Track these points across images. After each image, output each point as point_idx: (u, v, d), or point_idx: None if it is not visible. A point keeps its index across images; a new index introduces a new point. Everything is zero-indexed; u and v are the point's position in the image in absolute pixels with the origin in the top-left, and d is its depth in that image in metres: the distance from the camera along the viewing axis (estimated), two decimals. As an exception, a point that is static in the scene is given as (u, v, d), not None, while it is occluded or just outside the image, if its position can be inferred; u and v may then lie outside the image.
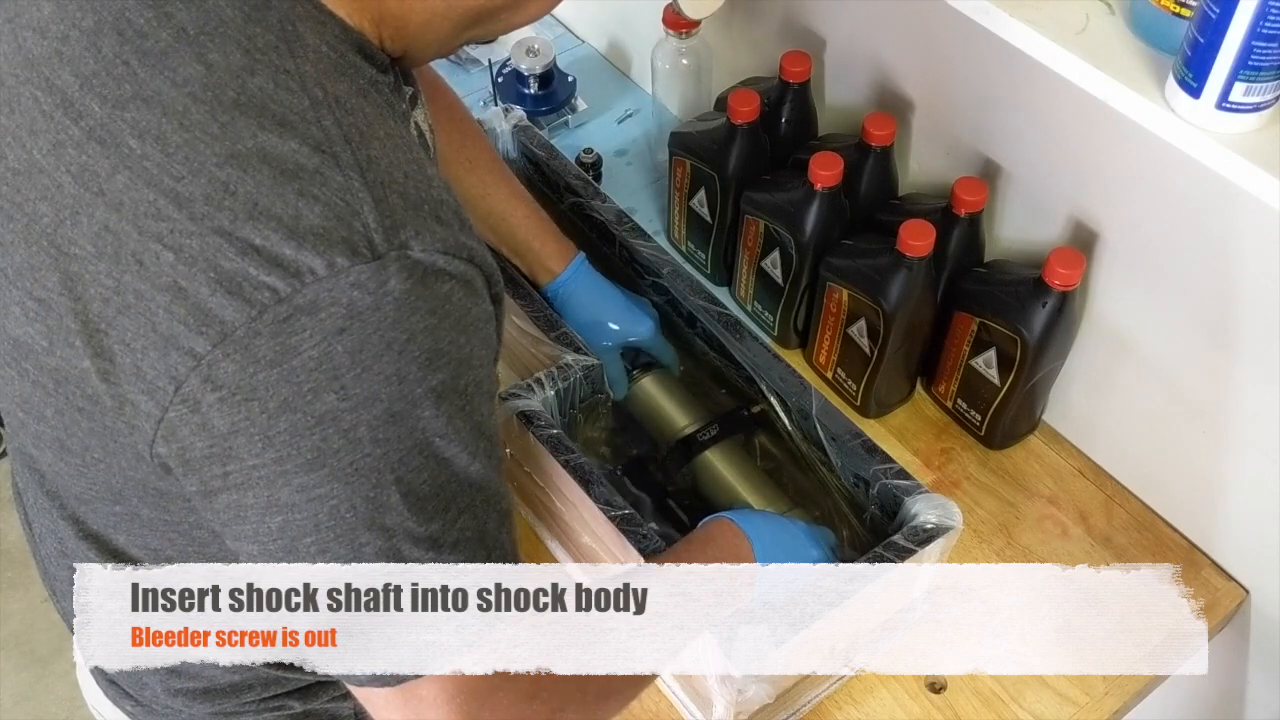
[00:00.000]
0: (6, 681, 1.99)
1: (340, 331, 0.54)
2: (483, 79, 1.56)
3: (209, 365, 0.55)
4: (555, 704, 0.71)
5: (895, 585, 0.94)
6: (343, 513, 0.58)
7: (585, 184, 1.22)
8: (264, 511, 0.58)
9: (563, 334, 1.08)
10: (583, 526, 1.00)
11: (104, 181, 0.57)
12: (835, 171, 1.12)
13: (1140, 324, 1.07)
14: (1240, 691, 1.17)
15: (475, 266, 0.60)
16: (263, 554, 0.61)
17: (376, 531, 0.59)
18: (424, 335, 0.57)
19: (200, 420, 0.56)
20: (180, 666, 0.80)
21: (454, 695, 0.65)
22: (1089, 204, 1.06)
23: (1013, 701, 1.01)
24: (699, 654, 0.90)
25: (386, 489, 0.58)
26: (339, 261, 0.54)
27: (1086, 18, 0.85)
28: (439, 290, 0.57)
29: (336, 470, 0.57)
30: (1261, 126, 0.78)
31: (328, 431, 0.56)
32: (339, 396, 0.55)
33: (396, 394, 0.56)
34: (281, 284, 0.54)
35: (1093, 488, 1.16)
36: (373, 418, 0.56)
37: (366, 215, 0.55)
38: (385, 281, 0.55)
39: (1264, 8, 0.70)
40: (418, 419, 0.58)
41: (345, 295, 0.54)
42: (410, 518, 0.59)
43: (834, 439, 1.01)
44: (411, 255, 0.56)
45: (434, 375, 0.58)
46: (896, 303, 1.09)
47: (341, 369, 0.55)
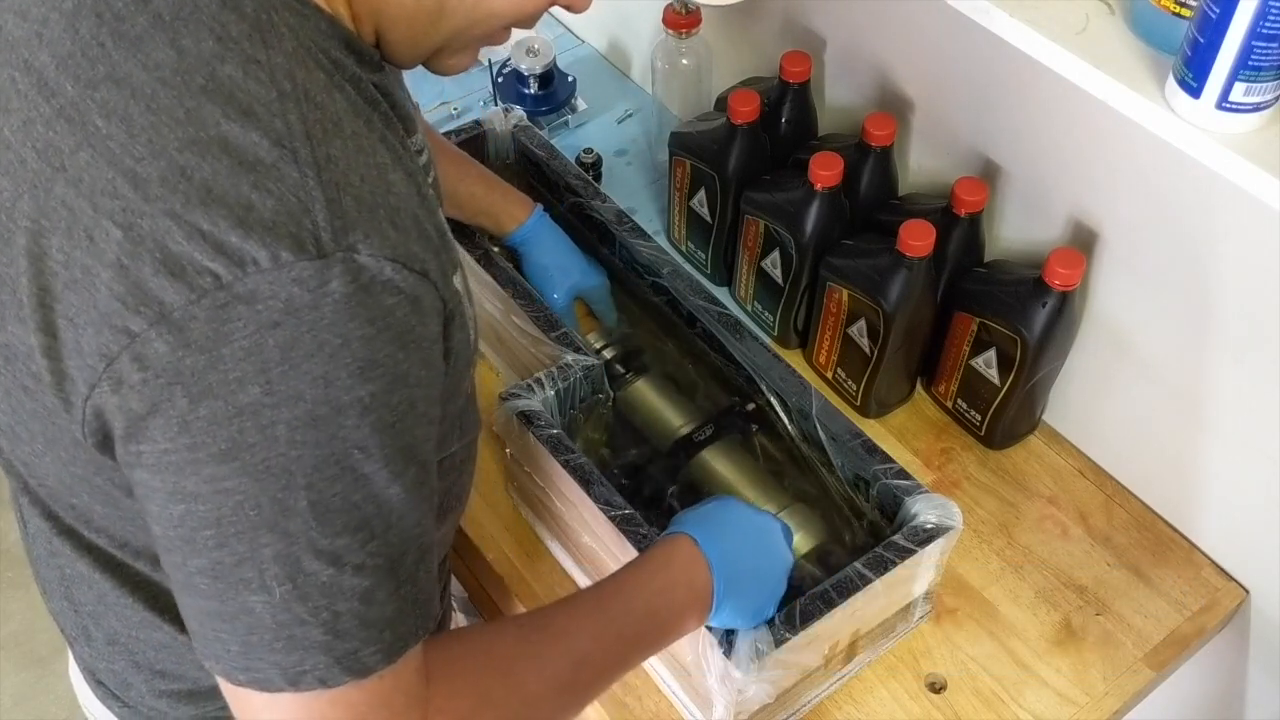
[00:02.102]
0: (6, 681, 1.99)
1: (274, 325, 0.54)
2: (483, 79, 1.56)
3: (141, 344, 0.55)
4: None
5: (895, 585, 0.94)
6: (246, 510, 0.57)
7: (585, 184, 1.22)
8: (168, 497, 0.58)
9: (563, 334, 1.08)
10: (583, 526, 1.00)
11: (66, 158, 0.57)
12: (835, 171, 1.12)
13: (1140, 324, 1.07)
14: (1240, 691, 1.17)
15: (429, 282, 0.59)
16: (163, 539, 0.60)
17: (278, 535, 0.58)
18: (359, 344, 0.56)
19: (120, 400, 0.56)
20: (166, 668, 0.81)
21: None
22: (1089, 204, 1.06)
23: (1013, 701, 1.01)
24: (699, 654, 0.90)
25: (295, 493, 0.57)
26: (283, 255, 0.54)
27: (1086, 18, 0.85)
28: (382, 302, 0.57)
29: (248, 465, 0.56)
30: (1261, 126, 0.78)
31: (246, 424, 0.55)
32: (263, 390, 0.55)
33: (321, 397, 0.56)
34: (224, 271, 0.54)
35: (1093, 488, 1.16)
36: (293, 417, 0.56)
37: (317, 214, 0.55)
38: (327, 282, 0.55)
39: (1264, 8, 0.70)
40: (339, 427, 0.57)
41: (285, 290, 0.54)
42: (315, 528, 0.58)
43: (834, 439, 1.01)
44: (358, 259, 0.56)
45: (364, 386, 0.57)
46: (896, 303, 1.09)
47: (270, 363, 0.55)
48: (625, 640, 0.81)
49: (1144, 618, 1.07)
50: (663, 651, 0.97)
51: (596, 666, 0.79)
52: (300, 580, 0.59)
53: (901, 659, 1.04)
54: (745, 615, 0.87)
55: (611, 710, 1.00)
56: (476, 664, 0.72)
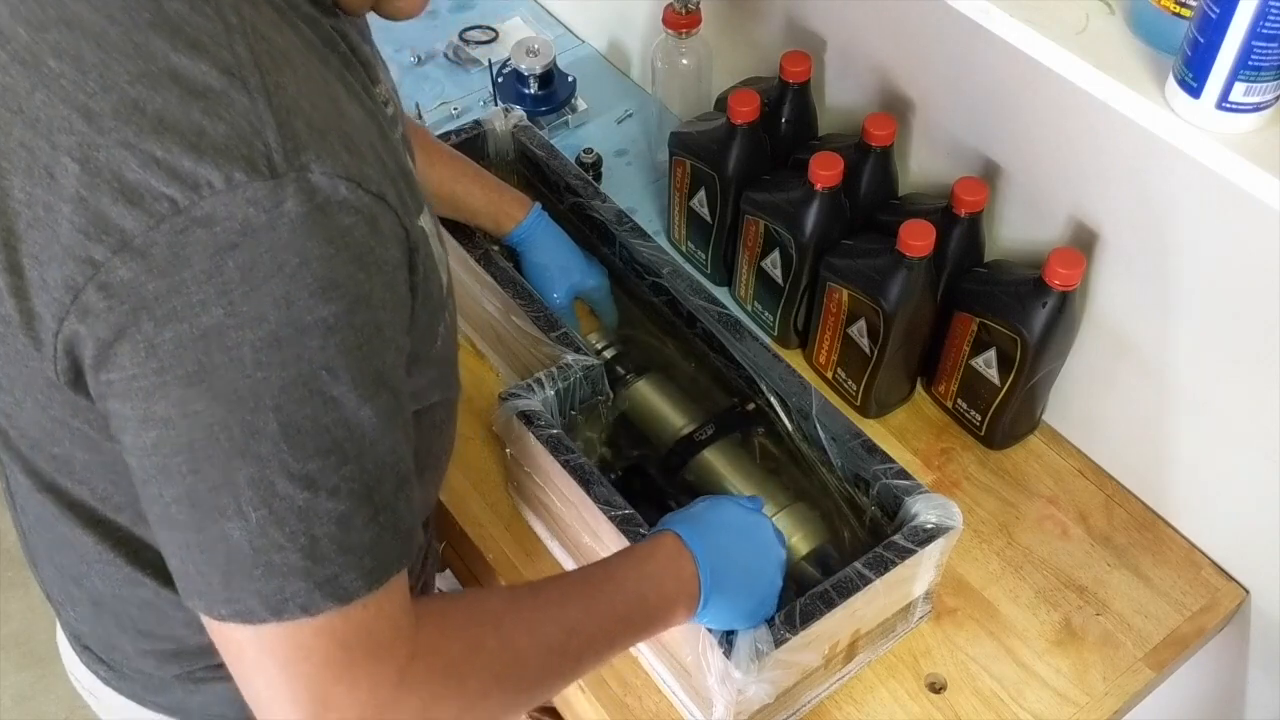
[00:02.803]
0: (6, 681, 1.99)
1: (233, 247, 0.55)
2: (483, 79, 1.56)
3: (106, 273, 0.56)
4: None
5: (895, 585, 0.94)
6: (217, 433, 0.58)
7: (585, 184, 1.22)
8: (141, 425, 0.59)
9: (563, 334, 1.08)
10: (583, 526, 1.00)
11: (23, 100, 0.58)
12: (835, 171, 1.12)
13: (1140, 324, 1.07)
14: (1240, 691, 1.17)
15: (386, 206, 0.60)
16: (140, 470, 0.61)
17: (250, 459, 0.58)
18: (318, 263, 0.57)
19: (88, 329, 0.57)
20: (150, 628, 0.81)
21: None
22: (1089, 204, 1.06)
23: (1013, 701, 1.01)
24: (699, 654, 0.90)
25: (264, 415, 0.58)
26: (236, 176, 0.55)
27: (1086, 18, 0.85)
28: (339, 221, 0.57)
29: (215, 388, 0.57)
30: (1261, 126, 0.78)
31: (211, 347, 0.56)
32: (225, 312, 0.56)
33: (284, 318, 0.56)
34: (180, 195, 0.55)
35: (1093, 488, 1.16)
36: (257, 339, 0.56)
37: (268, 135, 0.56)
38: (281, 201, 0.55)
39: (1264, 8, 0.70)
40: (304, 348, 0.57)
41: (240, 211, 0.55)
42: (287, 451, 0.59)
43: (834, 439, 1.01)
44: (311, 179, 0.56)
45: (325, 306, 0.57)
46: (896, 303, 1.09)
47: (231, 285, 0.55)
48: (615, 617, 0.81)
49: (1144, 618, 1.07)
50: (663, 652, 0.97)
51: (586, 637, 0.79)
52: (275, 504, 0.59)
53: (901, 659, 1.04)
54: (739, 611, 0.87)
55: (611, 710, 1.00)
56: (469, 616, 0.73)
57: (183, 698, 0.86)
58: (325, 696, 0.63)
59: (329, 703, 0.63)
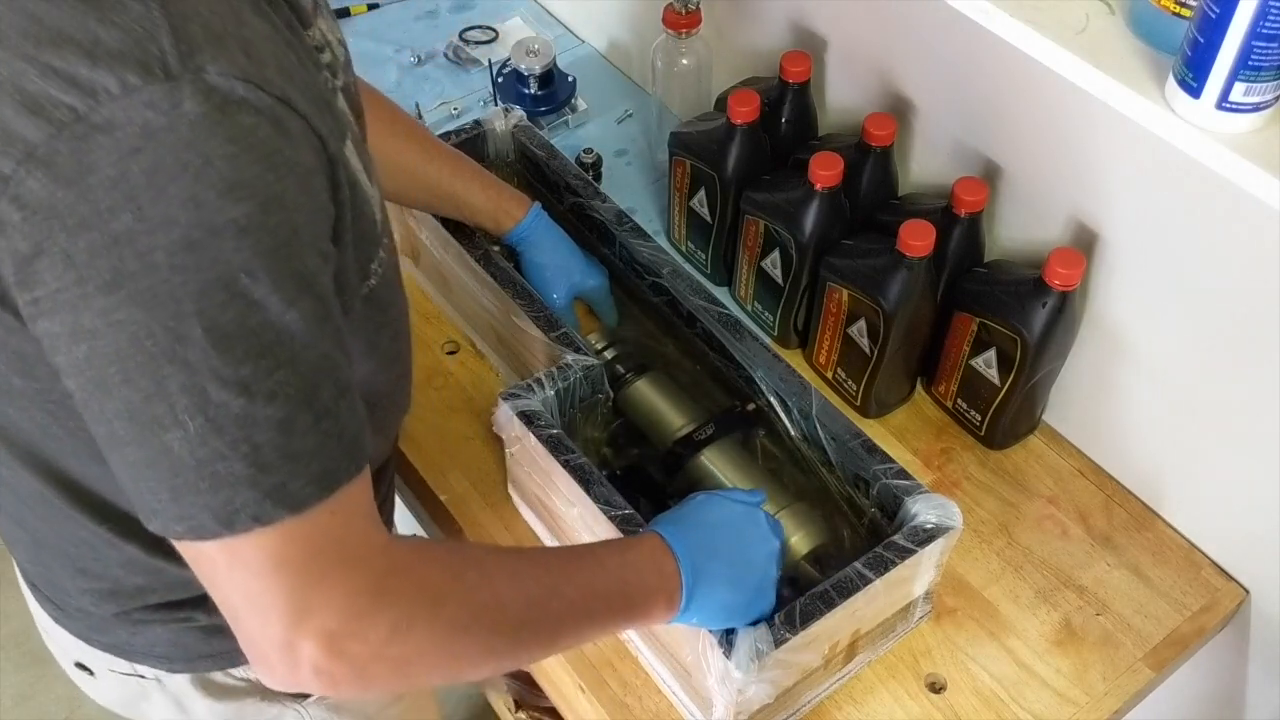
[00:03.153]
0: (6, 681, 1.99)
1: (136, 151, 0.55)
2: (483, 79, 1.57)
3: (15, 185, 0.56)
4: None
5: (895, 585, 0.94)
6: (143, 340, 0.58)
7: (585, 184, 1.22)
8: (71, 339, 0.59)
9: (563, 334, 1.08)
10: (583, 526, 1.00)
11: None
12: (835, 171, 1.12)
13: (1140, 324, 1.07)
14: (1240, 691, 1.17)
15: (292, 111, 0.60)
16: (79, 391, 0.61)
17: (179, 365, 0.59)
18: (222, 162, 0.57)
19: (7, 243, 0.58)
20: (87, 566, 0.82)
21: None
22: (1089, 204, 1.06)
23: (1013, 701, 1.01)
24: (699, 654, 0.90)
25: (187, 320, 0.58)
26: (131, 80, 0.55)
27: (1086, 18, 0.85)
28: (240, 120, 0.57)
29: (134, 294, 0.57)
30: (1261, 126, 0.78)
31: (124, 252, 0.56)
32: (135, 217, 0.56)
33: (194, 220, 0.57)
34: (79, 103, 0.55)
35: (1093, 488, 1.16)
36: (170, 242, 0.57)
37: (162, 39, 0.56)
38: (179, 103, 0.56)
39: (1264, 8, 0.70)
40: (219, 250, 0.57)
41: (139, 115, 0.55)
42: (215, 356, 0.59)
43: (834, 439, 1.01)
44: (207, 79, 0.56)
45: (235, 206, 0.57)
46: (896, 303, 1.09)
47: (137, 189, 0.56)
48: (594, 594, 0.81)
49: (1144, 618, 1.07)
50: (663, 652, 0.97)
51: (566, 602, 0.79)
52: (211, 411, 0.59)
53: (901, 659, 1.04)
54: (730, 607, 0.87)
55: (611, 710, 1.00)
56: (450, 551, 0.74)
57: (126, 638, 0.88)
58: (302, 604, 0.63)
59: (306, 608, 0.63)
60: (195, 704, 0.92)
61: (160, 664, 0.89)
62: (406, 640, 0.67)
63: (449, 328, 1.29)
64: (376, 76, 1.56)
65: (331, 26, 0.80)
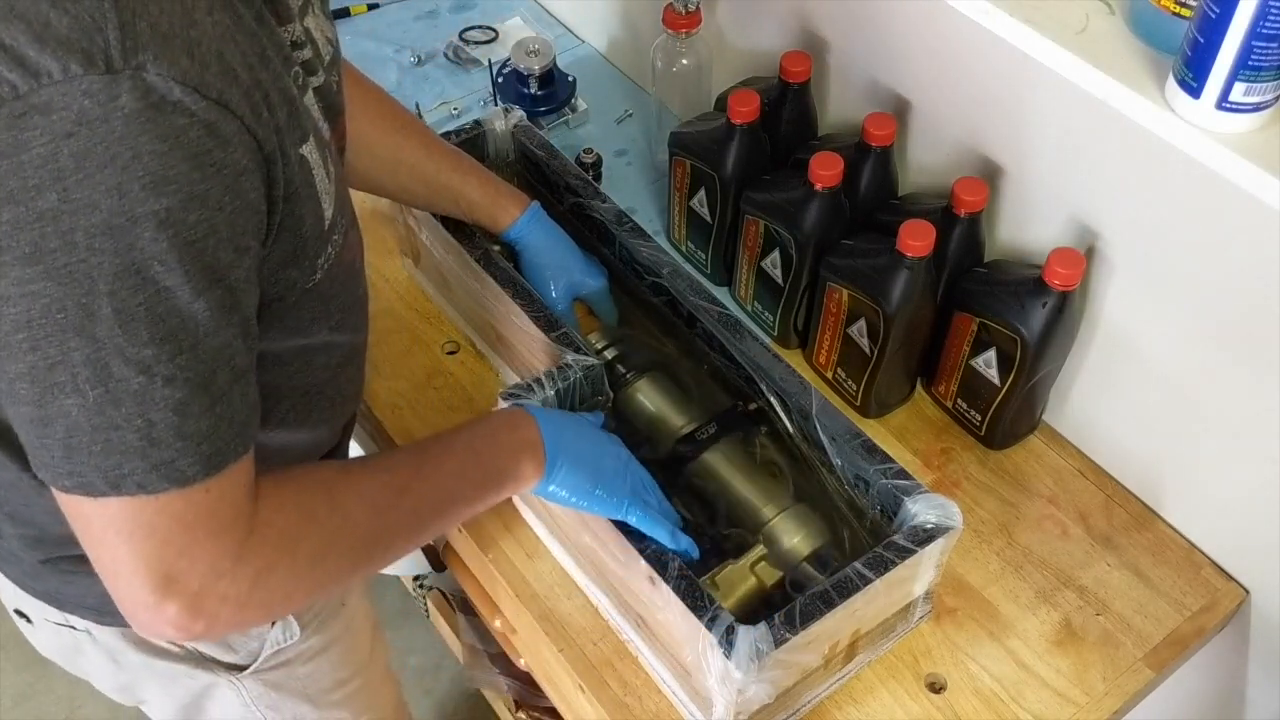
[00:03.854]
0: (6, 681, 1.99)
1: (68, 135, 0.58)
2: (483, 79, 1.57)
3: None
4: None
5: (895, 585, 0.94)
6: (54, 313, 0.61)
7: (585, 184, 1.22)
8: None
9: (563, 334, 1.08)
10: (583, 526, 1.00)
11: None
12: (835, 171, 1.12)
13: (1140, 324, 1.07)
14: (1240, 691, 1.17)
15: (229, 113, 0.62)
16: None
17: (85, 339, 0.62)
18: (150, 158, 0.59)
19: None
20: (16, 510, 0.85)
21: None
22: (1089, 204, 1.06)
23: (1013, 701, 1.01)
24: (699, 654, 0.90)
25: (98, 299, 0.61)
26: (73, 68, 0.58)
27: (1086, 18, 0.85)
28: (173, 121, 0.60)
29: (51, 269, 0.60)
30: (1261, 126, 0.78)
31: (46, 229, 0.59)
32: (60, 198, 0.59)
33: (116, 208, 0.59)
34: (20, 82, 0.58)
35: (1093, 488, 1.16)
36: (90, 225, 0.60)
37: (109, 33, 0.59)
38: (116, 97, 0.58)
39: (1264, 8, 0.70)
40: (136, 238, 0.60)
41: (76, 102, 0.58)
42: (121, 335, 0.62)
43: (834, 439, 1.01)
44: (146, 78, 0.59)
45: (157, 200, 0.60)
46: (896, 303, 1.09)
47: (65, 171, 0.58)
48: (447, 473, 0.88)
49: (1144, 618, 1.07)
50: (663, 652, 0.97)
51: (418, 495, 0.85)
52: (112, 385, 0.63)
53: (901, 659, 1.04)
54: (595, 470, 0.94)
55: (611, 710, 1.00)
56: (301, 486, 0.78)
57: (58, 586, 0.90)
58: (168, 571, 0.69)
59: (171, 575, 0.69)
60: (128, 656, 0.95)
61: (90, 615, 0.92)
62: (269, 585, 0.73)
63: (449, 328, 1.29)
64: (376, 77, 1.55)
65: (321, 25, 0.80)
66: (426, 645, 1.98)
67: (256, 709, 1.02)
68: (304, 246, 0.74)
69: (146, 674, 0.97)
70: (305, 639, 1.00)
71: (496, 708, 1.69)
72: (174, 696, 1.00)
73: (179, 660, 0.95)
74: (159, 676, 0.97)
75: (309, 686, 1.04)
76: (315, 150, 0.73)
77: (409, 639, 1.99)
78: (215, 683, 0.98)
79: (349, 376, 0.92)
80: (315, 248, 0.76)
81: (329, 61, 0.81)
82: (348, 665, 1.08)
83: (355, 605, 1.08)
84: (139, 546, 0.68)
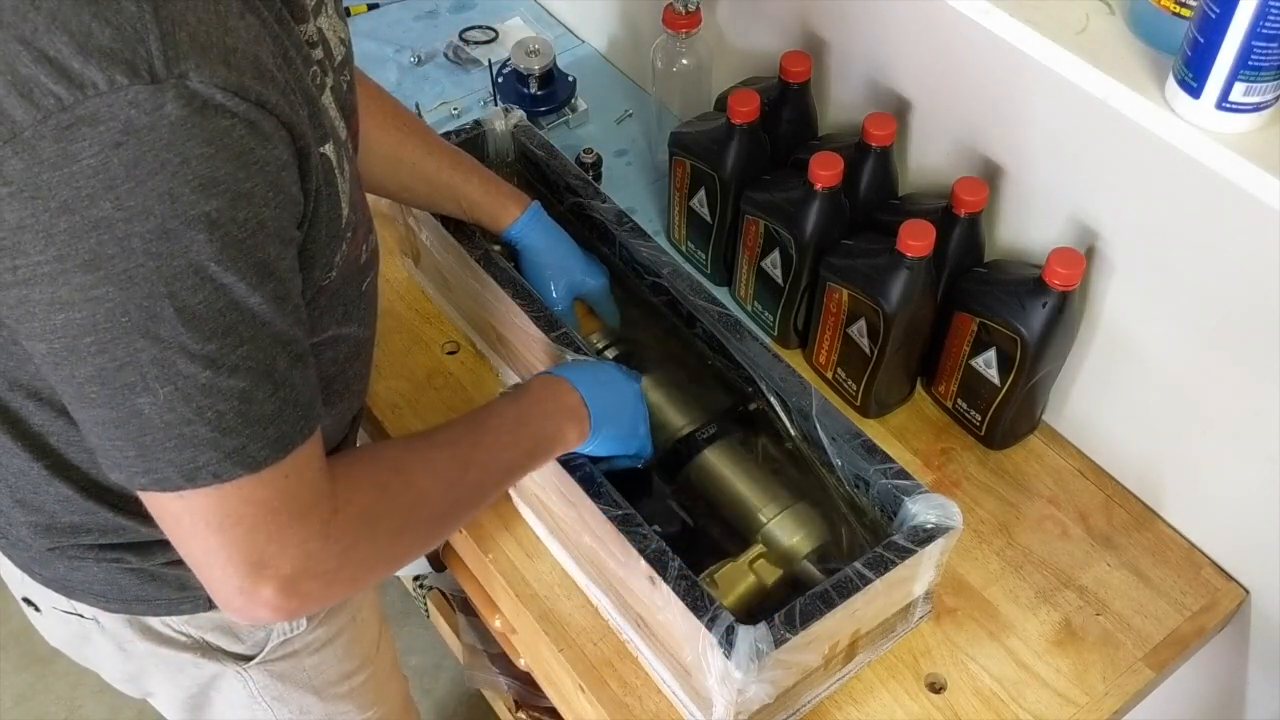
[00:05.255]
0: (6, 681, 1.99)
1: (117, 145, 0.59)
2: (483, 79, 1.57)
3: (1, 161, 0.60)
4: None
5: (895, 585, 0.94)
6: (118, 316, 0.63)
7: (585, 184, 1.22)
8: (49, 308, 0.63)
9: (563, 334, 1.08)
10: (583, 526, 1.00)
11: None
12: (835, 171, 1.12)
13: (1140, 324, 1.07)
14: (1240, 691, 1.17)
15: (267, 112, 0.64)
16: (50, 353, 0.66)
17: (150, 340, 0.64)
18: (198, 162, 0.61)
19: None
20: (25, 497, 0.86)
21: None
22: (1089, 204, 1.06)
23: (1013, 701, 1.01)
24: (699, 654, 0.90)
25: (159, 300, 0.63)
26: (119, 79, 0.59)
27: (1086, 18, 0.85)
28: (218, 124, 0.61)
29: (111, 274, 0.62)
30: (1261, 126, 0.78)
31: (103, 237, 0.61)
32: (114, 205, 0.60)
33: (169, 212, 0.61)
34: (66, 93, 0.59)
35: (1093, 488, 1.16)
36: (146, 231, 0.61)
37: (151, 43, 0.60)
38: (162, 105, 0.59)
39: (1264, 8, 0.70)
40: (191, 240, 0.62)
41: (123, 112, 0.59)
42: (184, 333, 0.64)
43: (834, 439, 1.01)
44: (189, 86, 0.60)
45: (208, 201, 0.62)
46: (896, 303, 1.09)
47: (117, 180, 0.60)
48: (504, 445, 0.91)
49: (1144, 618, 1.07)
50: (663, 652, 0.97)
51: (480, 467, 0.89)
52: (180, 382, 0.65)
53: (901, 659, 1.04)
54: (621, 433, 1.00)
55: (611, 710, 1.00)
56: (373, 465, 0.82)
57: (65, 573, 0.91)
58: (259, 556, 0.71)
59: (264, 560, 0.71)
60: (135, 645, 0.96)
61: (98, 602, 0.93)
62: (354, 561, 0.76)
63: (449, 328, 1.29)
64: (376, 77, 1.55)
65: (335, 25, 0.81)
66: (426, 645, 1.98)
67: (262, 700, 1.02)
68: (322, 245, 0.75)
69: (154, 663, 0.97)
70: (312, 630, 1.01)
71: (496, 708, 1.69)
72: (181, 687, 1.00)
73: (186, 649, 0.96)
74: (166, 665, 0.97)
75: (315, 678, 1.04)
76: (333, 150, 0.74)
77: (409, 639, 1.99)
78: (222, 673, 0.98)
79: (356, 371, 0.93)
80: (332, 246, 0.77)
81: (340, 62, 0.81)
82: (354, 657, 1.08)
83: (362, 598, 1.09)
84: (229, 535, 0.70)
